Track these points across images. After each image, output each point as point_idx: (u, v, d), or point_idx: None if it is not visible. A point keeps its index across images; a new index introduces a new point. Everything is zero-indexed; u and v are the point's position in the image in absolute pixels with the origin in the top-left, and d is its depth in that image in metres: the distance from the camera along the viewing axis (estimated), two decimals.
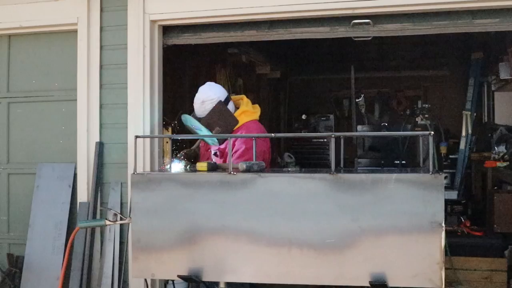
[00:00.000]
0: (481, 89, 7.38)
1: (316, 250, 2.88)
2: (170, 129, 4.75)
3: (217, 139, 3.68)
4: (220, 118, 3.70)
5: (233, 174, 2.99)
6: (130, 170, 3.78)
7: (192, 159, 3.73)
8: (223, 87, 3.95)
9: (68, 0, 4.55)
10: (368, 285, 2.82)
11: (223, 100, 3.78)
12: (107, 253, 4.38)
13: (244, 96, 4.00)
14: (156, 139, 4.37)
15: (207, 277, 3.02)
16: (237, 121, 3.76)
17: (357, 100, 8.69)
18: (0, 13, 4.71)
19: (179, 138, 3.63)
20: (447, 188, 6.24)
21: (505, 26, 3.89)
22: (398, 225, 2.81)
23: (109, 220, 3.44)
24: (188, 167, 3.47)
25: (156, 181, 3.11)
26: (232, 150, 3.14)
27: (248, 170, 3.06)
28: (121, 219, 3.46)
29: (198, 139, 3.90)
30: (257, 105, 3.99)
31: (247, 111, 3.87)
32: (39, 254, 4.52)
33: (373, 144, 8.39)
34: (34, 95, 4.83)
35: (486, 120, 7.41)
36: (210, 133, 3.61)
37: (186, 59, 5.79)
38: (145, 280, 3.74)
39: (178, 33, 4.53)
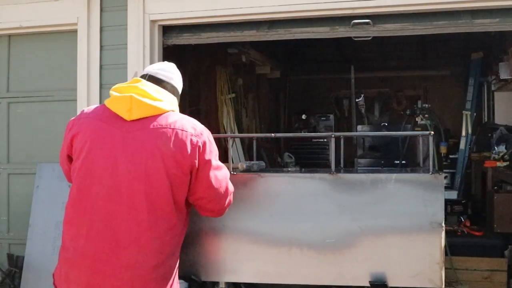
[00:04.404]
0: (481, 89, 7.38)
1: (316, 250, 2.88)
2: None
3: None
4: None
5: (233, 174, 2.99)
6: None
7: None
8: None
9: (68, 0, 4.56)
10: (368, 285, 2.82)
11: None
12: None
13: None
14: None
15: (207, 277, 3.01)
16: None
17: (357, 100, 8.70)
18: (0, 13, 4.72)
19: None
20: (447, 188, 6.24)
21: (505, 26, 3.89)
22: (398, 225, 2.81)
23: None
24: None
25: None
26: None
27: (248, 170, 3.06)
28: None
29: None
30: None
31: None
32: (39, 254, 4.51)
33: (373, 144, 8.39)
34: (34, 95, 4.83)
35: (486, 120, 7.41)
36: None
37: (186, 59, 5.78)
38: None
39: (178, 33, 4.53)
